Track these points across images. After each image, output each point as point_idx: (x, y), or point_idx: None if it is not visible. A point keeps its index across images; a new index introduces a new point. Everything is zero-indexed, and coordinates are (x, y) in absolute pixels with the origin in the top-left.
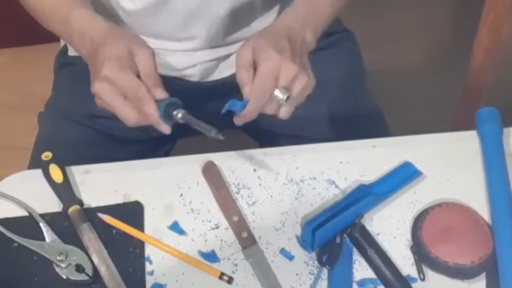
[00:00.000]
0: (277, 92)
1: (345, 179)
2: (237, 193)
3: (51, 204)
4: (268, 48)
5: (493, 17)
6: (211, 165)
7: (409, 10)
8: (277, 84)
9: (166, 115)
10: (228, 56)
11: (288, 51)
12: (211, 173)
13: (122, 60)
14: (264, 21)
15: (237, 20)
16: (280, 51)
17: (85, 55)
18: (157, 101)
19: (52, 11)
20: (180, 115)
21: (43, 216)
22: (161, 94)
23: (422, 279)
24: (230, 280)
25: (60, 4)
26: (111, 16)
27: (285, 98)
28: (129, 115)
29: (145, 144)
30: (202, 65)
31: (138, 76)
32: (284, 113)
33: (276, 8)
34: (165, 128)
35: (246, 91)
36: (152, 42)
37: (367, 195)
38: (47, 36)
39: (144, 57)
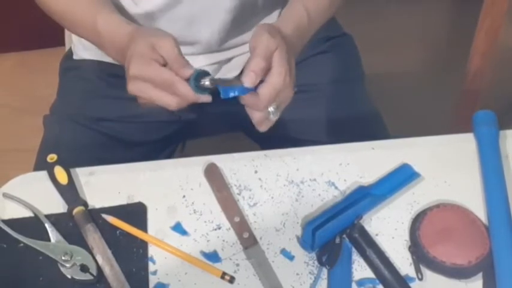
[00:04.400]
0: (271, 109)
1: (345, 180)
2: (239, 194)
3: (56, 205)
4: (283, 61)
5: (489, 22)
6: (213, 167)
7: (407, 14)
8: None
9: (198, 87)
10: (229, 60)
11: (293, 73)
12: (213, 175)
13: (145, 56)
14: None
15: (238, 24)
16: (289, 72)
17: (117, 59)
18: (188, 80)
19: (79, 18)
20: (207, 83)
21: (48, 217)
22: (187, 72)
23: (420, 279)
24: (232, 280)
25: (86, 11)
26: None
27: (274, 116)
28: (168, 102)
29: (148, 147)
30: (205, 69)
31: (165, 65)
32: (265, 127)
33: (277, 12)
34: (206, 98)
35: (251, 77)
36: None
37: (366, 197)
38: (53, 41)
39: (166, 46)
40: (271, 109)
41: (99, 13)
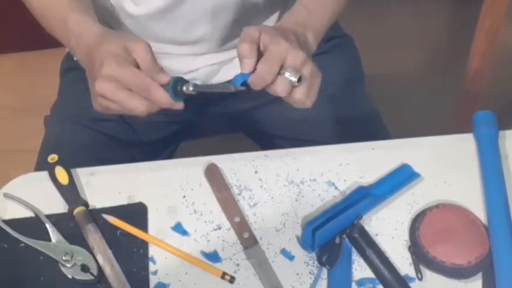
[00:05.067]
0: (287, 74)
1: (344, 180)
2: (239, 194)
3: (57, 205)
4: (276, 35)
5: (489, 23)
6: (213, 167)
7: (407, 15)
8: (283, 68)
9: (176, 94)
10: (230, 60)
11: (295, 42)
12: (213, 175)
13: (119, 57)
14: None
15: (240, 24)
16: (288, 40)
17: (81, 59)
18: (162, 86)
19: (52, 15)
20: (191, 88)
21: (49, 217)
22: (164, 78)
23: (420, 279)
24: (232, 280)
25: (59, 9)
26: (115, 20)
27: (297, 78)
28: (137, 105)
29: (149, 147)
30: (205, 69)
31: (139, 68)
32: (300, 95)
33: (278, 12)
34: (179, 105)
35: (245, 63)
36: (155, 46)
37: (366, 197)
38: (53, 41)
39: (141, 51)
40: (287, 74)
41: (72, 11)
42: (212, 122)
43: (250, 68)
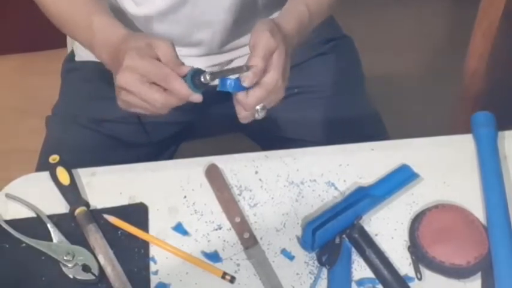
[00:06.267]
0: (259, 107)
1: (344, 181)
2: (239, 195)
3: (59, 205)
4: (281, 65)
5: (487, 24)
6: (214, 167)
7: (406, 17)
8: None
9: (195, 85)
10: (230, 62)
11: (287, 76)
12: (214, 176)
13: (141, 51)
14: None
15: (239, 25)
16: (284, 75)
17: (106, 61)
18: (184, 77)
19: (72, 18)
20: (208, 77)
21: (50, 217)
22: (185, 69)
23: (419, 279)
24: (232, 279)
25: (80, 11)
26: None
27: (260, 115)
28: (156, 97)
29: (150, 147)
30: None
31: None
32: (247, 121)
33: (277, 13)
34: (197, 97)
35: (250, 78)
36: None
37: (365, 197)
38: (55, 42)
39: (163, 47)
40: (258, 108)
41: (95, 13)
42: (213, 122)
43: (251, 84)
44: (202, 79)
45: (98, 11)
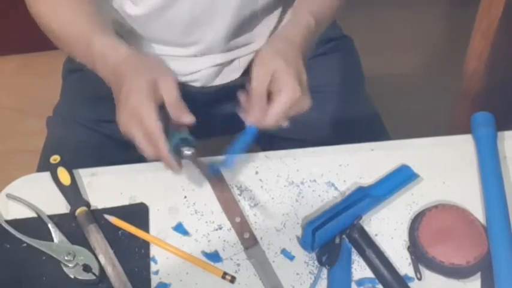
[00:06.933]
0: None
1: (344, 181)
2: (239, 195)
3: (59, 205)
4: (290, 79)
5: (486, 24)
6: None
7: (406, 17)
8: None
9: (176, 149)
10: (231, 62)
11: (305, 84)
12: (214, 176)
13: (145, 92)
14: (267, 26)
15: (240, 25)
16: (301, 83)
17: (108, 78)
18: (173, 134)
19: (74, 38)
20: (189, 153)
21: (51, 217)
22: (187, 119)
23: (419, 279)
24: (233, 279)
25: (82, 31)
26: (116, 21)
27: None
28: (146, 150)
29: None
30: (206, 71)
31: (163, 105)
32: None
33: (277, 13)
34: (174, 165)
35: (250, 118)
36: (156, 48)
37: (365, 197)
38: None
39: (168, 87)
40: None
41: (95, 34)
42: (213, 123)
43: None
44: (183, 151)
45: (97, 31)
